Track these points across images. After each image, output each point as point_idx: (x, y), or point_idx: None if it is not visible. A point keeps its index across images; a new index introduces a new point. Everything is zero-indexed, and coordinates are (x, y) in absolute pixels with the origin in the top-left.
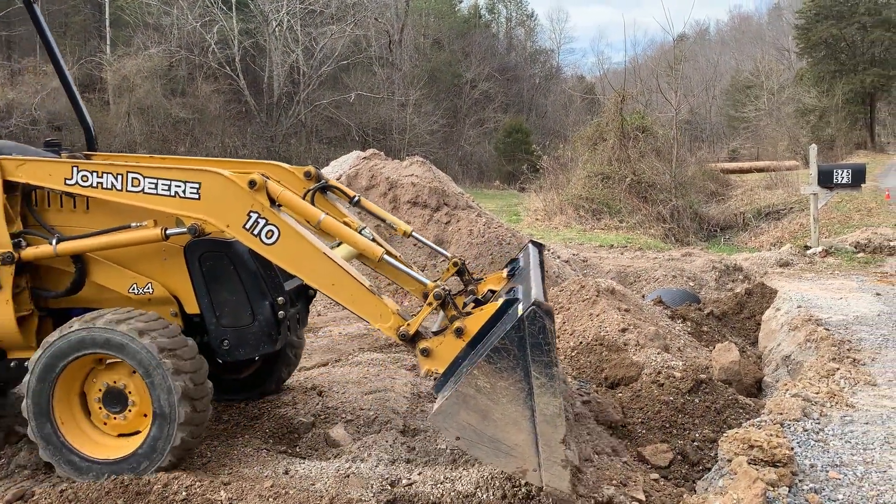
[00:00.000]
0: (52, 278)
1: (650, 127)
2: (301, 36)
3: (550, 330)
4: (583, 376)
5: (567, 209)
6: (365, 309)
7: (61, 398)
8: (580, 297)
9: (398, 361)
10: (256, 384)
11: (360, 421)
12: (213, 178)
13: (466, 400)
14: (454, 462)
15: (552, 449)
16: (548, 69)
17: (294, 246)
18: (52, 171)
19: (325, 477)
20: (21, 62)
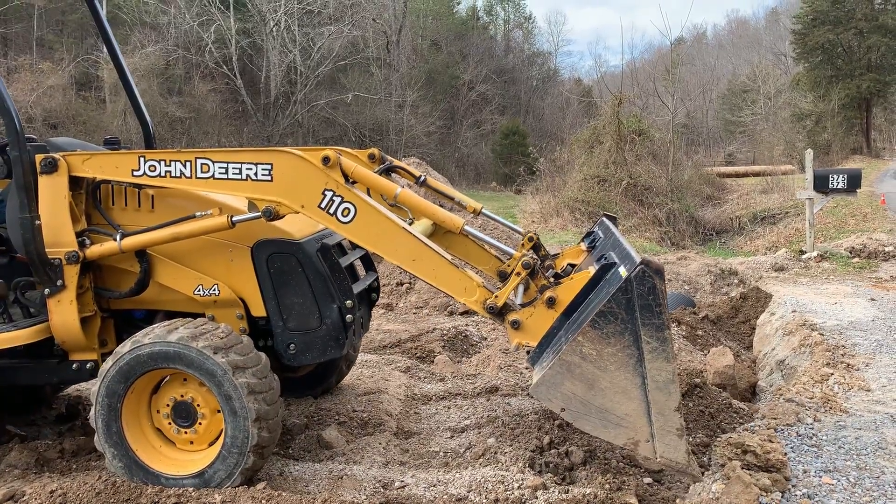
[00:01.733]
0: (116, 278)
1: (647, 130)
2: (298, 36)
3: (661, 290)
4: None
5: (563, 212)
6: (448, 283)
7: (131, 411)
8: None
9: (392, 363)
10: (309, 386)
11: (353, 423)
12: (285, 158)
13: (571, 369)
14: (447, 465)
15: (666, 417)
16: (545, 71)
17: (372, 222)
18: (118, 163)
19: (318, 479)
20: (17, 60)
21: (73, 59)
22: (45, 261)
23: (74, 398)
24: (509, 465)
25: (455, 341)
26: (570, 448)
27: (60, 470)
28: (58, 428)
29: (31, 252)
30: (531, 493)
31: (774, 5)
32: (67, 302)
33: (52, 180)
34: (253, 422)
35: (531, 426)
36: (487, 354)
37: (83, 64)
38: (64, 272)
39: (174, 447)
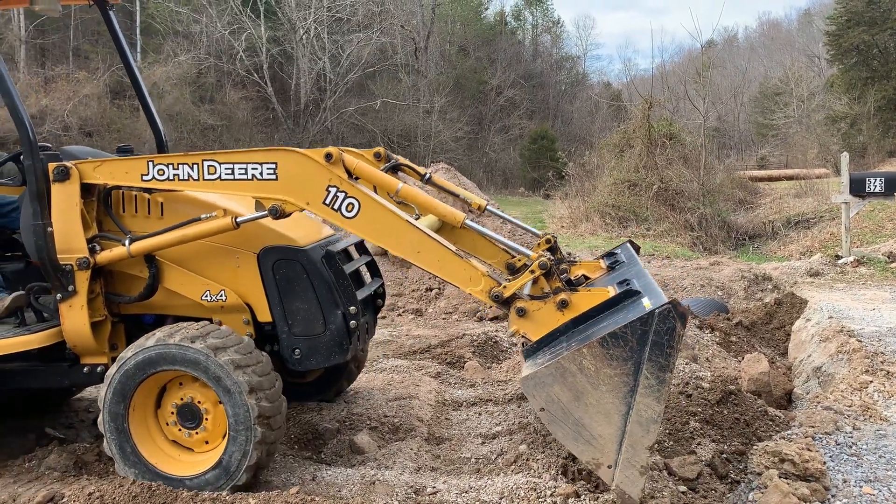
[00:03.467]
0: (126, 283)
1: (678, 134)
2: (328, 43)
3: (679, 334)
4: None
5: (593, 216)
6: (454, 274)
7: (138, 413)
8: None
9: (422, 369)
10: (318, 391)
11: (384, 428)
12: (289, 156)
13: (565, 375)
14: (478, 471)
15: (636, 452)
16: (574, 76)
17: (376, 217)
18: (128, 168)
19: (350, 483)
20: (54, 69)
21: (107, 69)
22: (57, 267)
23: None
24: (541, 472)
25: (485, 347)
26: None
27: (98, 472)
28: (95, 431)
29: (43, 258)
30: (563, 501)
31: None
32: (79, 307)
33: (65, 188)
34: (255, 418)
35: None
36: (518, 360)
37: (117, 73)
38: (75, 278)
39: (192, 452)
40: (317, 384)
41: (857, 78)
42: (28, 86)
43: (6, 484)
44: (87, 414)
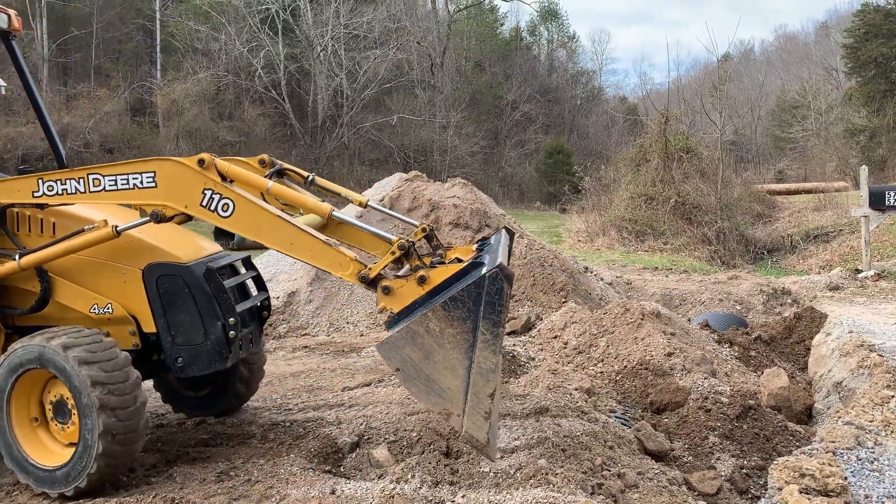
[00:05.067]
0: (19, 297)
1: (695, 148)
2: (345, 60)
3: (507, 293)
4: (627, 401)
5: (610, 231)
6: (325, 261)
7: (17, 407)
8: (625, 320)
9: None
10: (215, 401)
11: (403, 442)
12: (165, 164)
13: (414, 337)
14: (497, 486)
15: (479, 400)
16: (589, 90)
17: (250, 214)
18: (20, 187)
19: (370, 497)
20: (76, 87)
21: (128, 86)
22: None
23: None
24: (561, 487)
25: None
26: (622, 470)
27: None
28: None
29: None
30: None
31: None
32: None
33: None
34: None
35: (582, 447)
36: (536, 375)
37: (137, 90)
38: None
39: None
40: (212, 395)
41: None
42: (51, 103)
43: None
44: None
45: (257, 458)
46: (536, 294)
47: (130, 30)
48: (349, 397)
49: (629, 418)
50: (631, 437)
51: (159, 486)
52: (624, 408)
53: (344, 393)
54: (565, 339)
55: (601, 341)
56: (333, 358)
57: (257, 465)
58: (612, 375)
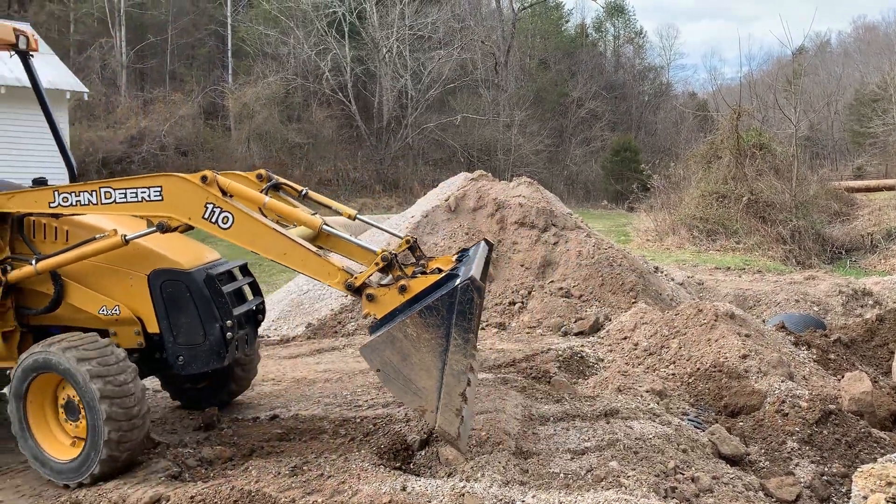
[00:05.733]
0: (34, 298)
1: (768, 144)
2: (409, 61)
3: (477, 303)
4: (700, 404)
5: (680, 230)
6: (315, 269)
7: (34, 408)
8: (697, 321)
9: (507, 383)
10: (212, 395)
11: (472, 441)
12: (171, 180)
13: (394, 341)
14: (568, 487)
15: (451, 398)
16: (657, 86)
17: (247, 226)
18: (37, 198)
19: (440, 495)
20: (152, 92)
21: (201, 91)
22: None
23: (213, 410)
24: (633, 489)
25: (571, 362)
26: (696, 473)
27: (201, 477)
28: (197, 437)
29: None
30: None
31: None
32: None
33: None
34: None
35: (654, 450)
36: (605, 377)
37: (210, 94)
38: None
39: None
40: (210, 390)
41: None
42: (129, 108)
43: (116, 485)
44: (189, 420)
45: (329, 453)
46: (605, 294)
47: (203, 35)
48: None
49: (702, 421)
50: (705, 441)
51: (236, 478)
52: (697, 411)
53: None
54: (635, 340)
55: (673, 343)
56: None
57: (329, 460)
58: (685, 378)
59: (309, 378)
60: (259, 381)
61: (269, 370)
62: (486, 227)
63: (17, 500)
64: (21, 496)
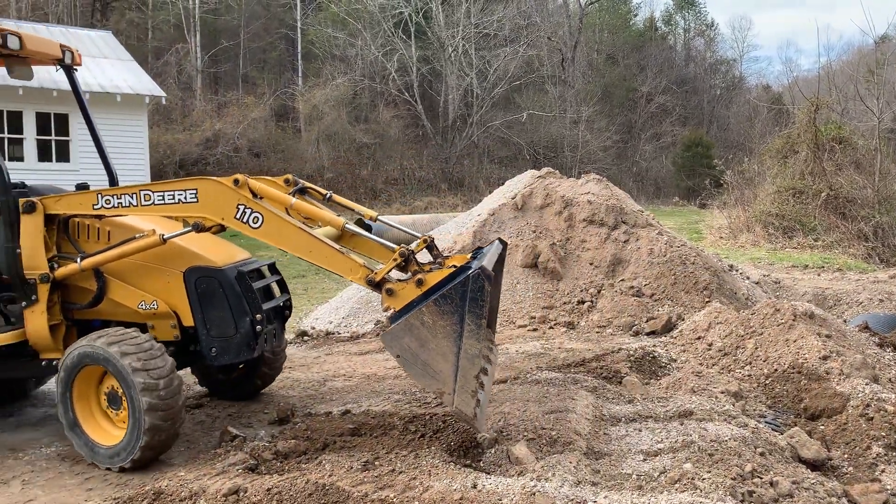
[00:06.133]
0: (78, 294)
1: (848, 137)
2: (475, 59)
3: (487, 290)
4: (778, 406)
5: (755, 227)
6: (338, 266)
7: (79, 397)
8: (774, 321)
9: (577, 382)
10: (241, 386)
11: (542, 440)
12: (206, 183)
13: (412, 329)
14: (640, 488)
15: (467, 380)
16: (730, 79)
17: (275, 226)
18: (82, 200)
19: (511, 493)
20: (226, 96)
21: (272, 93)
22: (23, 280)
23: (288, 405)
24: (709, 492)
25: (643, 362)
26: (775, 478)
27: (276, 469)
28: (272, 430)
29: (12, 274)
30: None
31: None
32: (39, 313)
33: (31, 218)
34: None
35: (730, 453)
36: (678, 377)
37: (281, 97)
38: (38, 289)
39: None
40: (238, 382)
41: None
42: (204, 112)
43: (197, 476)
44: (263, 414)
45: (400, 448)
46: (678, 293)
47: (274, 39)
48: None
49: (780, 424)
50: (783, 444)
51: (310, 472)
52: (775, 413)
53: None
54: (709, 340)
55: (749, 343)
56: None
57: (400, 455)
58: (761, 379)
59: (379, 374)
60: (331, 377)
61: (341, 366)
62: (553, 225)
63: (105, 488)
64: (108, 484)
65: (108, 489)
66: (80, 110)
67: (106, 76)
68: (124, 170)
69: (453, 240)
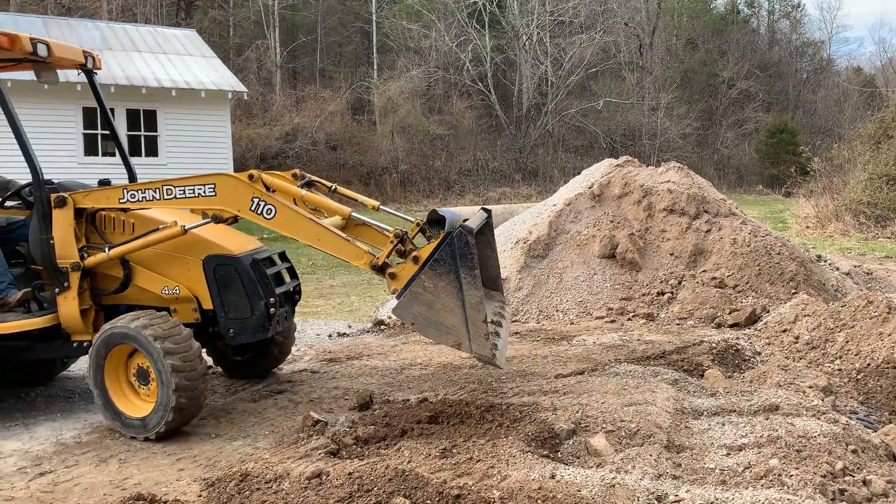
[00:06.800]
0: (106, 281)
1: None
2: (550, 47)
3: (472, 244)
4: (871, 402)
5: (844, 216)
6: (345, 252)
7: (110, 373)
8: (867, 313)
9: (658, 375)
10: (254, 365)
11: (621, 432)
12: (223, 178)
13: (417, 296)
14: (724, 483)
15: (477, 327)
16: (817, 62)
17: (288, 216)
18: (109, 195)
19: (590, 485)
20: (304, 90)
21: (349, 87)
22: (56, 269)
23: (367, 391)
24: (797, 489)
25: (725, 355)
26: (868, 476)
27: (357, 455)
28: (352, 416)
29: (46, 263)
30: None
31: None
32: (71, 298)
33: (63, 212)
34: (171, 373)
35: (820, 449)
36: (763, 370)
37: (357, 90)
38: (69, 277)
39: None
40: (250, 363)
41: None
42: (283, 106)
43: (281, 460)
44: (343, 400)
45: (477, 437)
46: (762, 285)
47: (350, 33)
48: (563, 384)
49: (874, 421)
50: (877, 442)
51: (389, 458)
52: (867, 409)
53: (557, 380)
54: (796, 332)
55: (839, 336)
56: (544, 345)
57: (477, 444)
58: (853, 374)
59: (455, 364)
60: (408, 365)
61: (417, 355)
62: (632, 215)
63: (195, 468)
64: (198, 465)
65: (197, 470)
66: (100, 111)
67: (191, 73)
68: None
69: (528, 230)
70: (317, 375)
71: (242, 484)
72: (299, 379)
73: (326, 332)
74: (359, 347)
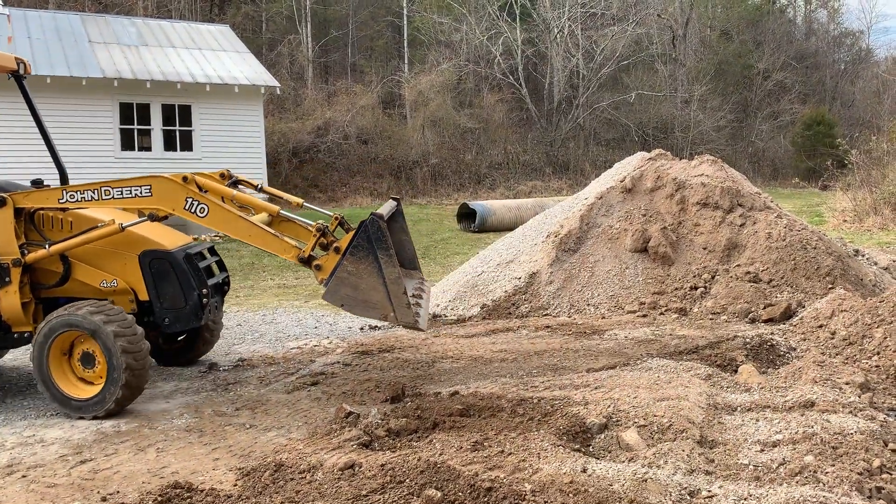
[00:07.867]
0: (45, 276)
1: None
2: (581, 40)
3: (384, 228)
4: None
5: (883, 209)
6: (274, 247)
7: (54, 358)
8: None
9: (690, 370)
10: (183, 355)
11: (653, 427)
12: (159, 180)
13: (343, 280)
14: (758, 479)
15: (399, 298)
16: (855, 53)
17: (219, 215)
18: (48, 196)
19: (622, 479)
20: (335, 84)
21: (380, 81)
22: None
23: (399, 384)
24: (833, 487)
25: (760, 350)
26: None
27: (389, 447)
28: (384, 408)
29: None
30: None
31: None
32: (13, 293)
33: (3, 212)
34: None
35: (857, 447)
36: (798, 366)
37: (388, 84)
38: (10, 273)
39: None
40: (182, 350)
41: None
42: (315, 101)
43: (315, 451)
44: (376, 392)
45: (508, 430)
46: (798, 279)
47: (381, 27)
48: (594, 378)
49: None
50: None
51: (421, 450)
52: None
53: (589, 374)
54: (832, 328)
55: (877, 332)
56: (575, 339)
57: (509, 437)
58: (891, 370)
59: (485, 357)
60: (439, 358)
61: (448, 348)
62: (664, 209)
63: (230, 458)
64: (234, 455)
65: (233, 459)
66: (31, 114)
67: (224, 68)
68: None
69: (560, 224)
70: (349, 368)
71: (277, 474)
72: (332, 371)
73: (358, 325)
74: (390, 340)
